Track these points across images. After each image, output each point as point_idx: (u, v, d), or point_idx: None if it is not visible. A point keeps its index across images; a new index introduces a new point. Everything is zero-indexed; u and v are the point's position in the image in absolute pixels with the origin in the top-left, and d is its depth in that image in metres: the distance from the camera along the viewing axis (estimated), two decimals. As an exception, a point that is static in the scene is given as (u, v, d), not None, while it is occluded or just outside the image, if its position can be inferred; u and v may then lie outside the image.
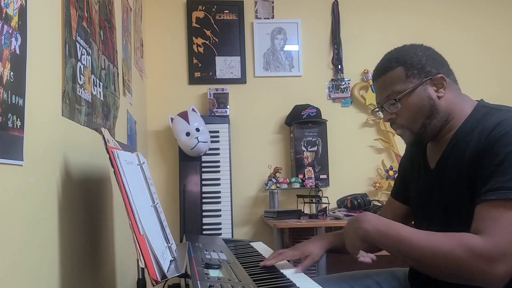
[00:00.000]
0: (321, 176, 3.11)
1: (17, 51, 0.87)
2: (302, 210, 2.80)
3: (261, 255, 1.44)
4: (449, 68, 1.22)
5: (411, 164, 1.35)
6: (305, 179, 3.01)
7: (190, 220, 2.86)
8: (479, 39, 3.37)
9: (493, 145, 1.03)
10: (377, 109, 1.28)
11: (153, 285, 0.92)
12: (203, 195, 2.92)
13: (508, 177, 0.99)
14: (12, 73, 0.84)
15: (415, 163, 1.33)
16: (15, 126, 0.85)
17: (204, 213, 2.90)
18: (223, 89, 3.12)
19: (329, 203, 2.79)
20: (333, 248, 1.36)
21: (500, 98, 1.28)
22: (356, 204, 2.78)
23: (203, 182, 2.94)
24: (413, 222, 1.37)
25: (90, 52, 1.43)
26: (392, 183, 3.04)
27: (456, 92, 1.20)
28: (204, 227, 2.88)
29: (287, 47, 3.29)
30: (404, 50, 1.22)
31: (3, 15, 0.82)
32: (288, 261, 1.32)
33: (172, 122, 2.90)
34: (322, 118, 3.14)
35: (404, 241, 1.04)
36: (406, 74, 1.18)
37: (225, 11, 3.25)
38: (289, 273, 1.18)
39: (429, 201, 1.23)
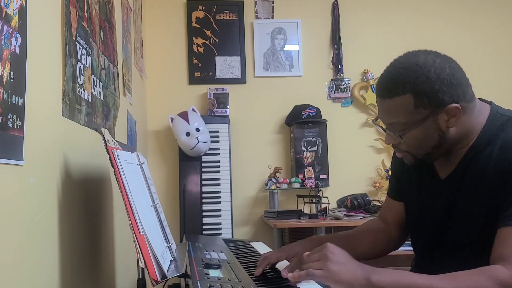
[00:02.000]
0: (321, 176, 3.11)
1: (17, 51, 0.87)
2: (302, 210, 2.80)
3: (261, 255, 1.43)
4: (467, 84, 1.08)
5: (407, 166, 1.27)
6: (305, 179, 3.01)
7: (190, 220, 2.86)
8: (479, 39, 3.37)
9: None
10: (378, 121, 1.20)
11: (153, 285, 0.92)
12: (203, 195, 2.92)
13: None
14: (12, 73, 0.84)
15: (413, 167, 1.25)
16: (15, 126, 0.85)
17: (204, 213, 2.90)
18: (223, 89, 3.12)
19: (329, 203, 2.79)
20: None
21: (500, 98, 1.28)
22: (356, 204, 2.78)
23: (203, 182, 2.94)
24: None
25: (90, 52, 1.43)
26: (392, 183, 3.04)
27: (471, 112, 1.08)
28: (204, 227, 2.88)
29: (287, 47, 3.29)
30: (415, 72, 1.03)
31: (3, 15, 0.81)
32: (288, 261, 1.31)
33: (172, 122, 2.91)
34: (322, 118, 3.15)
35: None
36: (415, 104, 1.03)
37: (225, 11, 3.25)
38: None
39: (437, 209, 1.18)
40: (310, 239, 1.35)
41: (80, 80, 1.30)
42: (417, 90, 1.03)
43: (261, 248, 1.58)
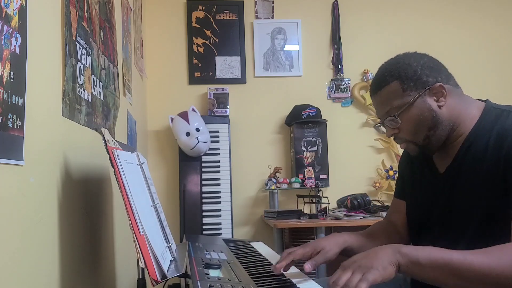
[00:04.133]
0: (321, 176, 3.11)
1: (17, 51, 0.87)
2: (302, 210, 2.80)
3: (261, 255, 1.43)
4: (448, 73, 1.18)
5: (411, 165, 1.34)
6: (305, 179, 3.01)
7: (190, 220, 2.86)
8: (479, 39, 3.37)
9: None
10: (379, 125, 1.26)
11: (153, 285, 0.92)
12: (203, 195, 2.92)
13: None
14: (12, 73, 0.84)
15: (416, 165, 1.31)
16: (15, 126, 0.85)
17: (204, 213, 2.90)
18: (223, 89, 3.12)
19: (329, 203, 2.79)
20: (348, 247, 1.25)
21: (500, 98, 1.27)
22: (356, 204, 2.78)
23: (203, 182, 2.94)
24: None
25: (90, 52, 1.43)
26: (393, 183, 3.04)
27: (458, 97, 1.16)
28: (204, 227, 2.88)
29: (287, 47, 3.29)
30: (397, 63, 1.17)
31: (3, 15, 0.82)
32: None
33: (172, 122, 2.90)
34: (322, 118, 3.14)
35: (461, 267, 0.93)
36: (403, 88, 1.14)
37: (225, 11, 3.25)
38: (290, 273, 1.18)
39: (436, 204, 1.20)
40: (334, 234, 1.32)
41: (80, 80, 1.30)
42: (401, 76, 1.14)
43: (261, 248, 1.58)
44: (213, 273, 1.04)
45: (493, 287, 0.92)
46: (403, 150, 1.40)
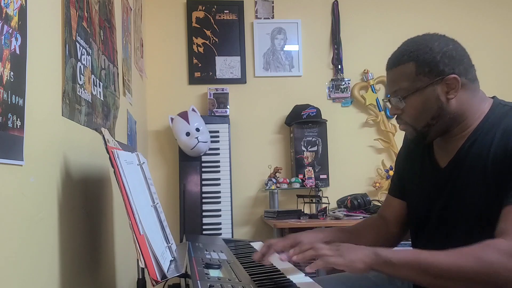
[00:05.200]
0: (321, 176, 3.11)
1: (17, 51, 0.87)
2: (302, 210, 2.80)
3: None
4: (469, 65, 1.15)
5: (410, 161, 1.32)
6: (305, 179, 3.01)
7: (190, 220, 2.86)
8: (479, 39, 3.37)
9: None
10: (386, 100, 1.24)
11: (153, 285, 0.92)
12: (203, 195, 2.92)
13: None
14: (12, 73, 0.84)
15: (416, 160, 1.29)
16: (15, 126, 0.85)
17: (204, 213, 2.90)
18: (223, 89, 3.12)
19: (329, 203, 2.79)
20: (330, 242, 1.28)
21: (500, 98, 1.27)
22: (356, 204, 2.78)
23: (203, 182, 2.94)
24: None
25: (90, 52, 1.43)
26: (392, 183, 3.04)
27: (472, 92, 1.14)
28: (204, 227, 2.88)
29: (287, 47, 3.29)
30: (420, 44, 1.14)
31: (3, 15, 0.81)
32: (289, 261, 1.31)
33: (172, 122, 2.91)
34: (322, 118, 3.15)
35: (431, 265, 0.96)
36: (417, 71, 1.11)
37: (225, 11, 3.25)
38: (290, 273, 1.18)
39: (436, 199, 1.20)
40: (314, 230, 1.40)
41: (80, 80, 1.30)
42: (419, 58, 1.11)
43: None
44: (213, 273, 1.04)
45: (466, 284, 0.95)
46: (401, 147, 1.41)
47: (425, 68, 1.11)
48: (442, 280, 0.96)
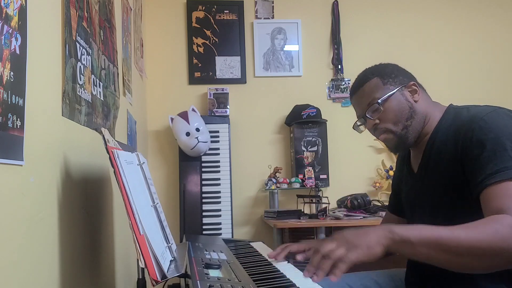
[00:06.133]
0: (321, 176, 3.11)
1: (17, 51, 0.87)
2: (302, 210, 2.80)
3: (261, 255, 1.43)
4: (417, 81, 1.31)
5: (399, 174, 1.43)
6: (305, 179, 3.01)
7: (190, 220, 2.86)
8: (479, 39, 3.37)
9: (473, 137, 1.08)
10: (358, 123, 1.37)
11: (153, 285, 0.92)
12: (203, 195, 2.92)
13: (503, 159, 1.02)
14: (12, 73, 0.84)
15: (402, 171, 1.39)
16: (15, 126, 0.85)
17: (204, 213, 2.90)
18: (223, 89, 3.12)
19: (329, 203, 2.79)
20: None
21: (500, 98, 1.28)
22: (356, 204, 2.78)
23: (203, 182, 2.94)
24: None
25: (90, 52, 1.43)
26: (392, 183, 3.04)
27: (427, 97, 1.30)
28: (204, 227, 2.88)
29: (287, 47, 3.29)
30: (375, 66, 1.33)
31: (3, 15, 0.82)
32: (288, 261, 1.32)
33: (172, 122, 2.90)
34: (322, 118, 3.14)
35: (451, 242, 0.96)
36: (383, 82, 1.27)
37: (225, 11, 3.25)
38: (290, 273, 1.18)
39: (418, 204, 1.28)
40: (331, 236, 1.37)
41: (80, 80, 1.30)
42: (381, 73, 1.29)
43: (261, 248, 1.58)
44: (213, 273, 1.04)
45: (481, 258, 0.95)
46: (395, 164, 1.49)
47: (389, 78, 1.27)
48: (461, 257, 0.95)
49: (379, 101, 1.24)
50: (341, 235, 1.03)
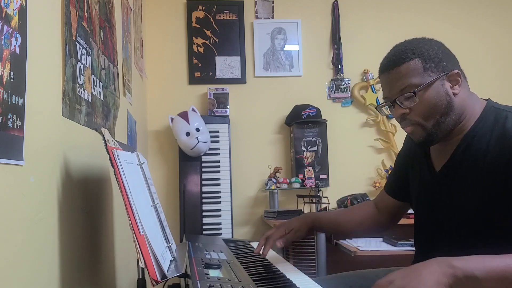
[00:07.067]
0: (321, 176, 3.11)
1: (17, 51, 0.87)
2: (302, 210, 2.80)
3: (261, 255, 1.43)
4: (460, 67, 1.15)
5: (411, 162, 1.31)
6: (305, 179, 3.01)
7: (190, 220, 2.86)
8: (479, 39, 3.37)
9: None
10: (383, 104, 1.19)
11: (153, 285, 0.92)
12: (203, 195, 2.92)
13: None
14: (12, 73, 0.84)
15: (416, 162, 1.29)
16: (15, 126, 0.85)
17: (204, 213, 2.90)
18: (223, 89, 3.12)
19: (329, 203, 2.79)
20: (317, 226, 1.45)
21: (500, 98, 1.28)
22: (356, 204, 2.77)
23: (203, 182, 2.94)
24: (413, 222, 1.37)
25: (90, 52, 1.43)
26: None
27: (468, 90, 1.14)
28: (204, 227, 2.88)
29: (287, 47, 3.29)
30: (418, 43, 1.14)
31: (3, 15, 0.82)
32: (288, 261, 1.32)
33: (172, 122, 2.91)
34: (322, 118, 3.14)
35: None
36: (424, 67, 1.09)
37: (225, 11, 3.25)
38: (290, 273, 1.18)
39: (437, 206, 1.19)
40: (304, 215, 1.48)
41: (80, 80, 1.30)
42: (423, 55, 1.10)
43: (261, 248, 1.58)
44: (213, 273, 1.04)
45: None
46: (402, 147, 1.40)
47: (431, 63, 1.10)
48: None
49: (416, 90, 1.08)
50: (387, 281, 0.88)
